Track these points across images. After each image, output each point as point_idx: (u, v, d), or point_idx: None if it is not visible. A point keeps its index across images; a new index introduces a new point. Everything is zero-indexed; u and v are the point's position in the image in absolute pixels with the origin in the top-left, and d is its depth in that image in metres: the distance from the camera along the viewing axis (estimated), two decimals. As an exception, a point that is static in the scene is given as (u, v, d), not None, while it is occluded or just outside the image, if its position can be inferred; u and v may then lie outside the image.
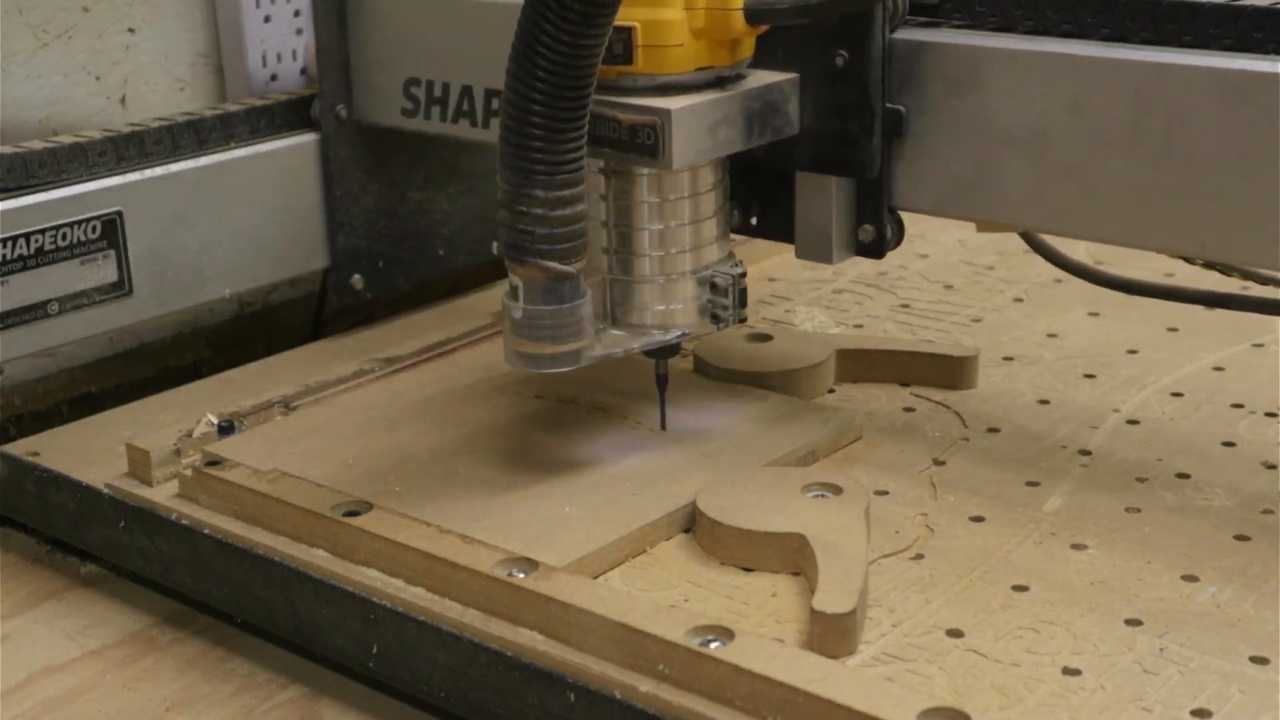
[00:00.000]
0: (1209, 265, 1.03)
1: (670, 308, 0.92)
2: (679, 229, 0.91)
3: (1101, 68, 0.85)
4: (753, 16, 0.87)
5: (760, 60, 0.92)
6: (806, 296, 1.24)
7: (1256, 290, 1.08)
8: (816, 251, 0.96)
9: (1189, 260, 1.03)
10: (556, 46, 0.78)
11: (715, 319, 0.93)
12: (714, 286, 0.92)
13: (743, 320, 0.94)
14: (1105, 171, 0.86)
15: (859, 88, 0.91)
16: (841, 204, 0.95)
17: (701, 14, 0.87)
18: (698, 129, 0.87)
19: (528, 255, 0.83)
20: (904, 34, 0.91)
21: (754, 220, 0.99)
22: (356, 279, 1.18)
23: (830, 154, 0.93)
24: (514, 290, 0.85)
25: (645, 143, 0.86)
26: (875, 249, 0.95)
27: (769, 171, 0.97)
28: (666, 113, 0.85)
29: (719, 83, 0.89)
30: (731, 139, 0.89)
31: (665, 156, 0.86)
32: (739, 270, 0.93)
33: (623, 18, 0.82)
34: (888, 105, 0.91)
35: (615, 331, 0.93)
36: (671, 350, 0.95)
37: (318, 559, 0.86)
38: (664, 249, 0.91)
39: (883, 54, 0.91)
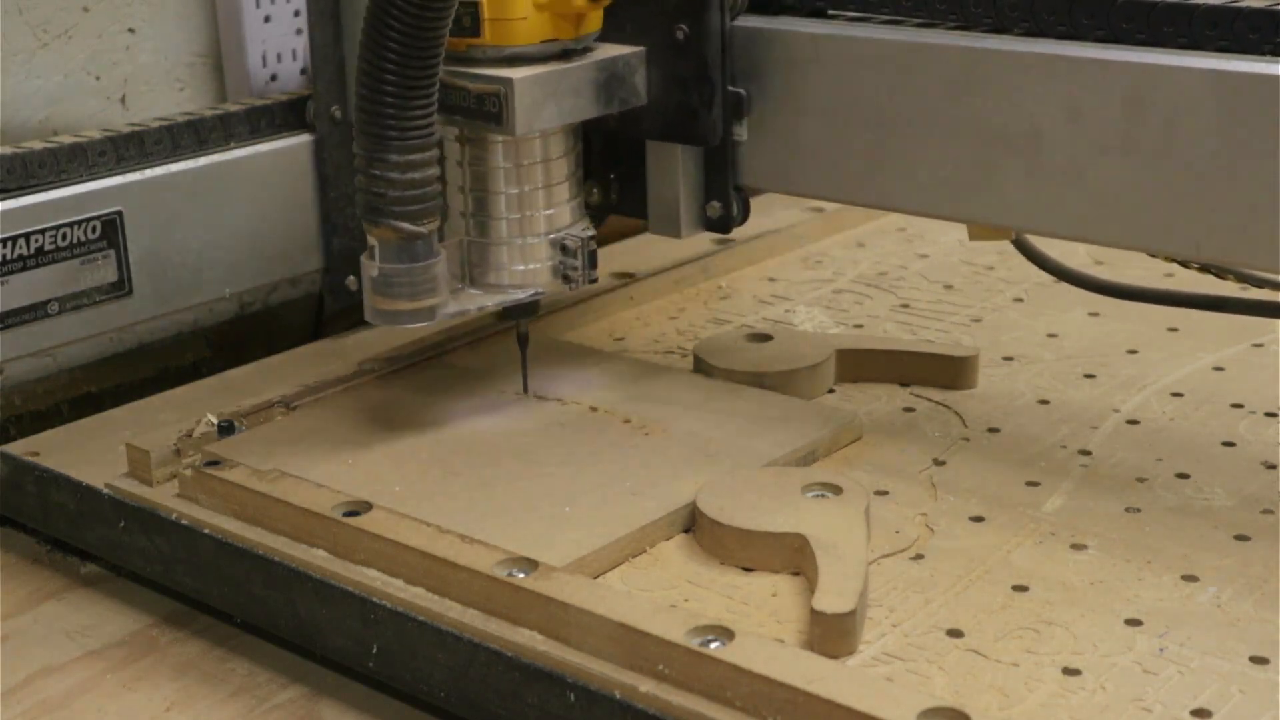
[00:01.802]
0: (1204, 268, 1.03)
1: (525, 268, 0.97)
2: (531, 193, 0.96)
3: (1096, 69, 0.85)
4: None
5: (609, 34, 0.97)
6: (806, 296, 1.24)
7: (1254, 293, 1.08)
8: (667, 226, 1.02)
9: (1184, 263, 1.03)
10: (404, 19, 0.83)
11: (566, 279, 0.98)
12: (564, 249, 0.97)
13: (593, 281, 0.99)
14: (1100, 174, 0.86)
15: (699, 61, 0.96)
16: (690, 180, 1.01)
17: None
18: (541, 97, 0.92)
19: (381, 216, 0.88)
20: (745, 21, 0.97)
21: (614, 198, 1.05)
22: (351, 280, 1.18)
23: (675, 123, 0.98)
24: (371, 250, 0.91)
25: (491, 110, 0.92)
26: (722, 224, 1.01)
27: (624, 146, 1.02)
28: (510, 81, 0.91)
29: (564, 55, 0.94)
30: (577, 108, 0.95)
31: (509, 123, 0.91)
32: (589, 233, 0.98)
33: None
34: (729, 89, 0.97)
35: (472, 290, 0.97)
36: (528, 310, 0.99)
37: (318, 559, 0.86)
38: (519, 212, 0.96)
39: (721, 32, 0.96)
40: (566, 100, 0.93)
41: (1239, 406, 1.02)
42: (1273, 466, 0.94)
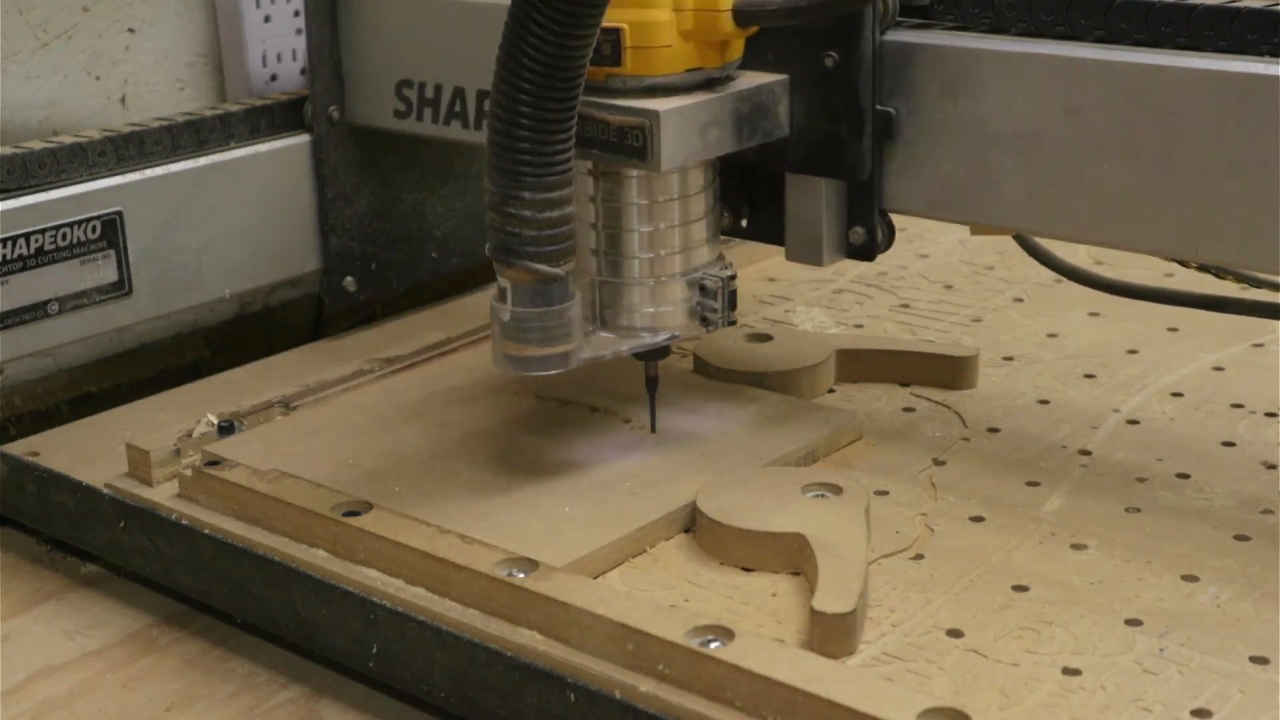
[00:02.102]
0: (1203, 268, 1.03)
1: (659, 310, 0.92)
2: (668, 231, 0.91)
3: (1095, 70, 0.85)
4: (741, 18, 0.87)
5: (750, 62, 0.92)
6: (806, 296, 1.24)
7: (1254, 293, 1.08)
8: (806, 254, 0.96)
9: (1183, 264, 1.03)
10: (543, 48, 0.78)
11: (705, 321, 0.92)
12: (703, 289, 0.92)
13: (732, 323, 0.94)
14: (1099, 174, 0.86)
15: (849, 90, 0.91)
16: (832, 206, 0.95)
17: (690, 15, 0.86)
18: (686, 131, 0.87)
19: (515, 257, 0.83)
20: (894, 35, 0.91)
21: (744, 222, 0.99)
22: (349, 281, 1.18)
23: (820, 156, 0.93)
24: (502, 292, 0.85)
25: (634, 144, 0.86)
26: (866, 251, 0.95)
27: (759, 173, 0.96)
28: (655, 114, 0.85)
29: (708, 84, 0.89)
30: (721, 141, 0.89)
31: (654, 158, 0.86)
32: (729, 273, 0.92)
33: (611, 19, 0.83)
34: (878, 107, 0.91)
35: (604, 334, 0.92)
36: (661, 353, 0.94)
37: (318, 559, 0.86)
38: (653, 251, 0.91)
39: (873, 56, 0.91)
40: (710, 133, 0.88)
41: (1239, 406, 1.02)
42: (1273, 466, 0.94)
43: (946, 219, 0.94)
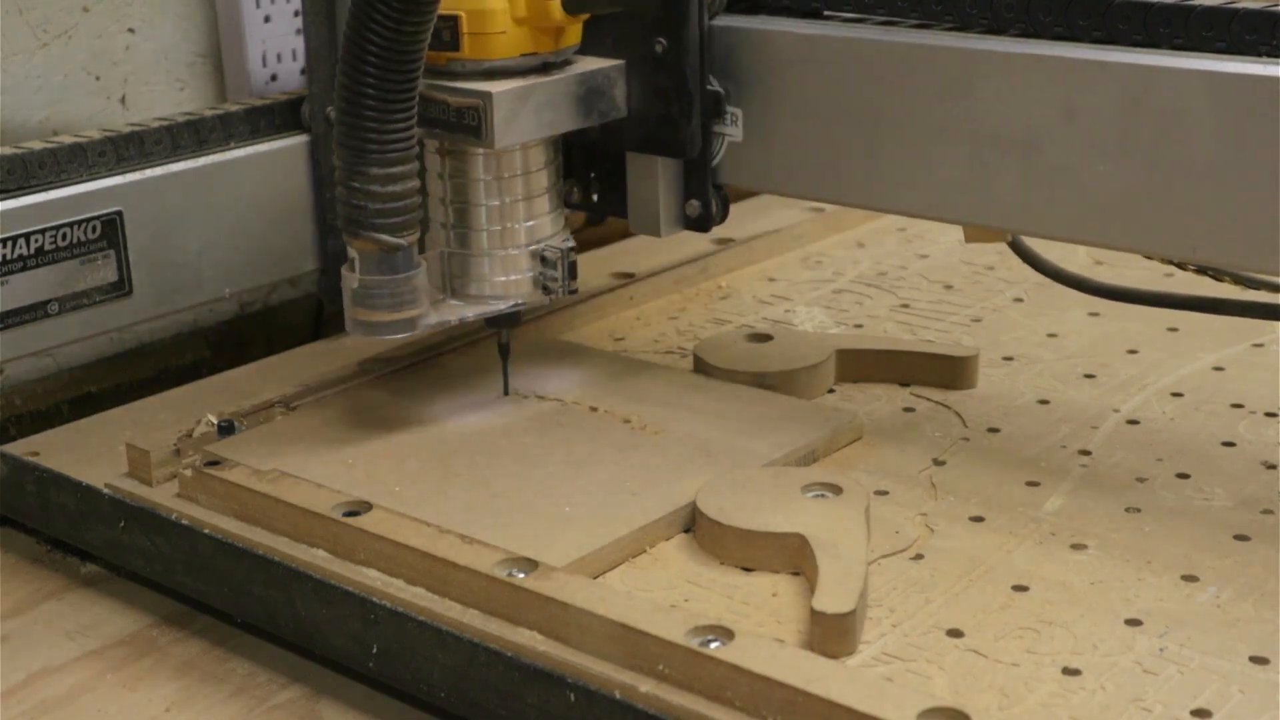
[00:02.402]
0: (1201, 270, 1.03)
1: (505, 279, 0.98)
2: (512, 205, 0.97)
3: (1093, 70, 0.85)
4: (570, 5, 0.93)
5: (591, 48, 0.98)
6: (806, 296, 1.24)
7: (1251, 294, 1.07)
8: (647, 225, 1.02)
9: (1181, 266, 1.03)
10: (384, 33, 0.84)
11: (546, 290, 0.98)
12: (544, 260, 0.97)
13: (573, 292, 0.99)
14: (1096, 175, 0.86)
15: (677, 73, 0.96)
16: (669, 181, 1.01)
17: (522, 3, 0.92)
18: (520, 111, 0.92)
19: (362, 229, 0.89)
20: (722, 20, 0.97)
21: (594, 197, 1.05)
22: None
23: (654, 136, 0.98)
24: (351, 262, 0.91)
25: (471, 124, 0.92)
26: (702, 223, 1.01)
27: (605, 152, 1.02)
28: (488, 95, 0.91)
29: (544, 68, 0.94)
30: (556, 121, 0.95)
31: (488, 136, 0.91)
32: (569, 245, 0.98)
33: (449, 6, 0.90)
34: (707, 88, 0.97)
35: (454, 301, 0.98)
36: (510, 319, 0.99)
37: (318, 559, 0.86)
38: (499, 224, 0.97)
39: (700, 40, 0.96)
40: (546, 113, 0.94)
41: (1239, 406, 1.02)
42: (1273, 466, 0.94)
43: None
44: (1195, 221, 0.84)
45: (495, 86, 0.91)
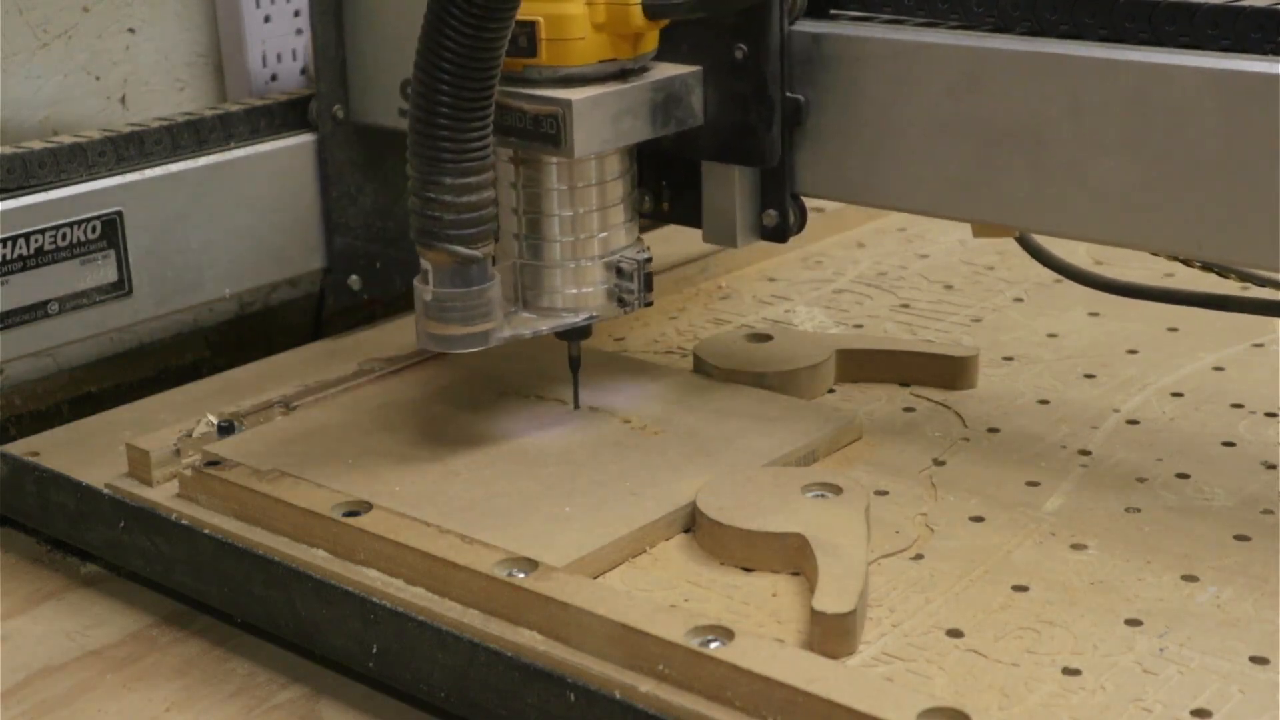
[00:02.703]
0: (1206, 267, 1.03)
1: (578, 291, 0.95)
2: (586, 215, 0.95)
3: (1099, 68, 0.85)
4: (651, 11, 0.91)
5: (666, 54, 0.95)
6: (806, 296, 1.24)
7: (1255, 291, 1.08)
8: (722, 236, 1.00)
9: (1186, 262, 1.03)
10: (460, 39, 0.82)
11: (621, 303, 0.96)
12: (620, 271, 0.95)
13: (648, 304, 0.97)
14: (1102, 172, 0.86)
15: (758, 80, 0.94)
16: (745, 190, 0.99)
17: (602, 8, 0.90)
18: (599, 119, 0.90)
19: (436, 240, 0.87)
20: (802, 26, 0.95)
21: (665, 206, 1.03)
22: (354, 279, 1.19)
23: (732, 144, 0.97)
24: (424, 274, 0.89)
25: (549, 132, 0.90)
26: (779, 233, 0.99)
27: (677, 160, 1.00)
28: (568, 103, 0.89)
29: (621, 75, 0.92)
30: (634, 129, 0.93)
31: (567, 145, 0.89)
32: (645, 255, 0.96)
33: (526, 12, 0.87)
34: (787, 95, 0.95)
35: (525, 314, 0.96)
36: (582, 333, 0.97)
37: (318, 559, 0.86)
38: (572, 235, 0.94)
39: (781, 46, 0.94)
40: (624, 121, 0.92)
41: (1239, 406, 1.02)
42: (1273, 466, 0.94)
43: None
44: (1201, 218, 0.84)
45: (574, 94, 0.89)
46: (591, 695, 0.74)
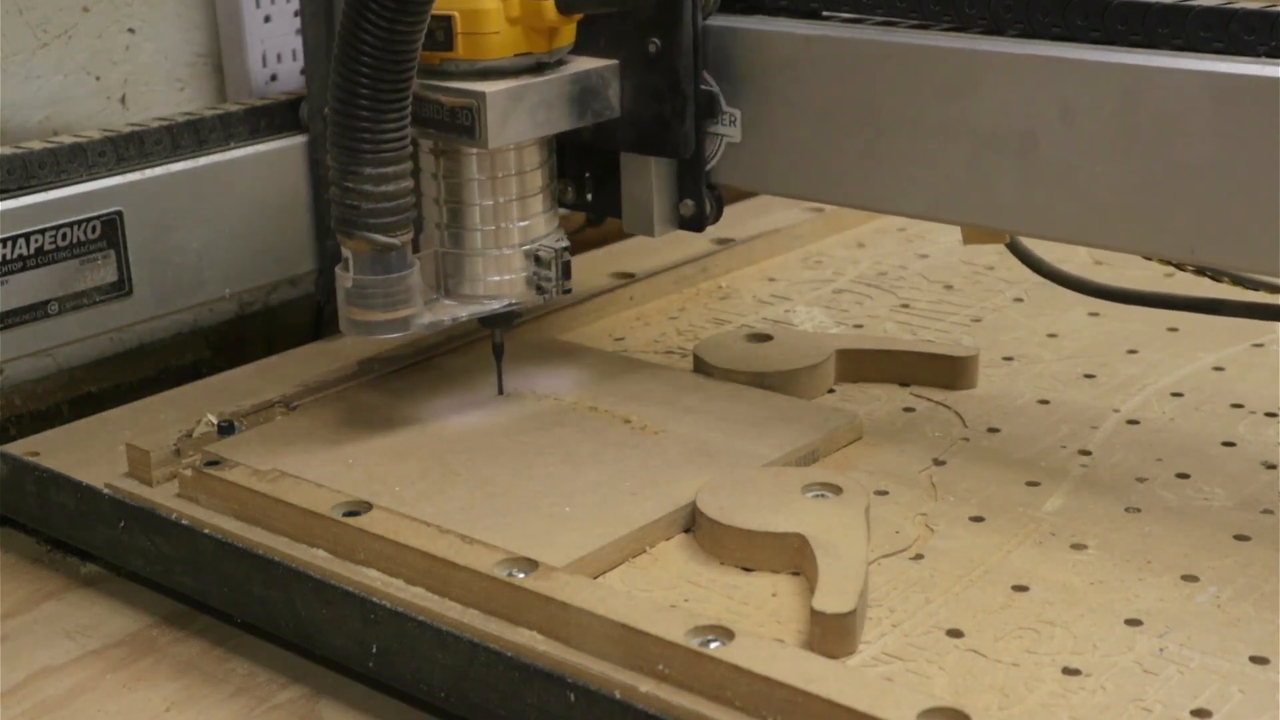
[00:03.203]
0: (1200, 271, 1.02)
1: (499, 279, 0.97)
2: (505, 205, 0.97)
3: (1091, 71, 0.85)
4: (563, 5, 0.92)
5: (585, 47, 0.97)
6: (806, 296, 1.24)
7: (1251, 295, 1.07)
8: (640, 225, 1.02)
9: (1180, 266, 1.03)
10: (377, 32, 0.84)
11: (540, 290, 0.98)
12: (538, 259, 0.97)
13: (567, 292, 0.99)
14: (1094, 176, 0.85)
15: (671, 73, 0.96)
16: (663, 181, 1.01)
17: (516, 3, 0.92)
18: (513, 110, 0.92)
19: (355, 229, 0.89)
20: (716, 20, 0.97)
21: (588, 196, 1.05)
22: None
23: (648, 136, 0.98)
24: (345, 262, 0.92)
25: (464, 124, 0.92)
26: (695, 223, 1.01)
27: (598, 151, 1.02)
28: (482, 95, 0.91)
29: (538, 68, 0.94)
30: (550, 121, 0.95)
31: (482, 136, 0.91)
32: (563, 244, 0.98)
33: (442, 6, 0.90)
34: (701, 87, 0.96)
35: (447, 301, 0.98)
36: (505, 319, 0.99)
37: (318, 559, 0.86)
38: (492, 224, 0.97)
39: (694, 40, 0.95)
40: (539, 113, 0.94)
41: (1239, 406, 1.02)
42: (1273, 466, 0.94)
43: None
44: (1193, 222, 0.83)
45: (489, 86, 0.91)
46: (591, 695, 0.74)
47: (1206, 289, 1.08)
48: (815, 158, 0.95)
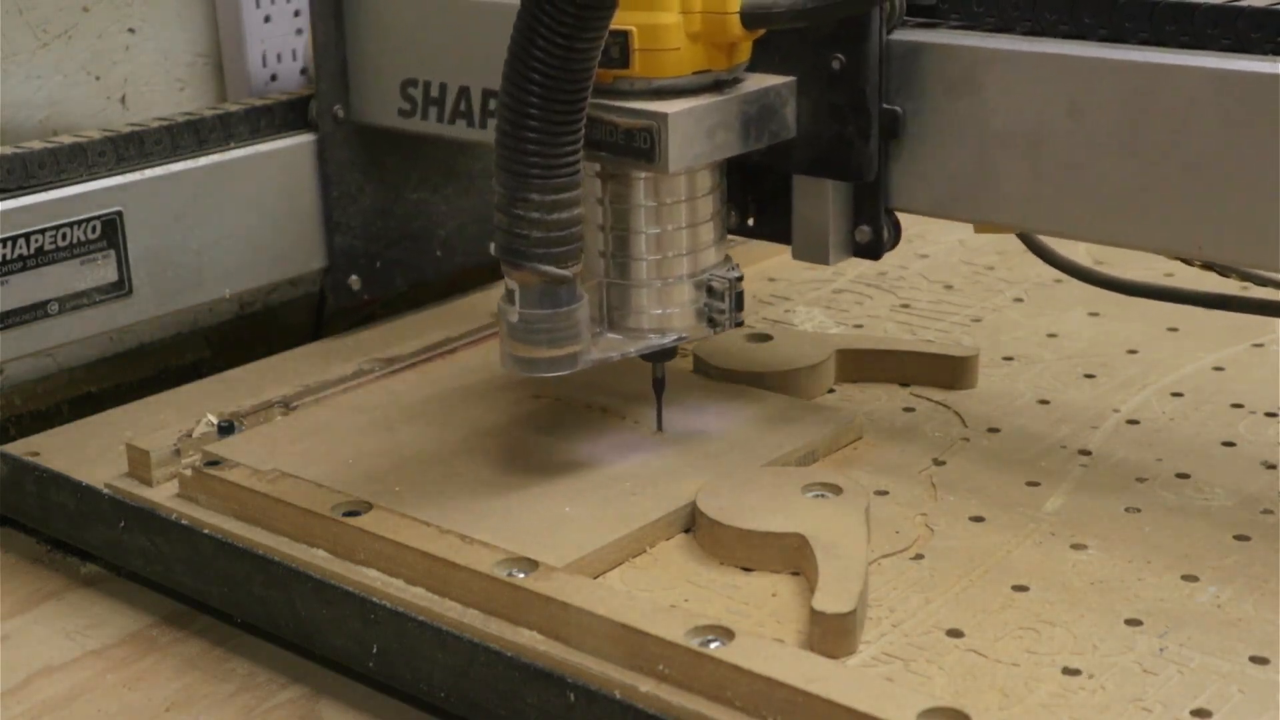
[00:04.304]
0: (1207, 266, 1.03)
1: (667, 312, 0.92)
2: (676, 233, 0.91)
3: (1099, 68, 0.85)
4: (749, 20, 0.87)
5: (758, 64, 0.91)
6: (806, 296, 1.24)
7: (1256, 291, 1.08)
8: (813, 253, 0.96)
9: (1187, 261, 1.03)
10: (552, 50, 0.78)
11: (712, 323, 0.92)
12: (710, 290, 0.92)
13: (739, 324, 0.94)
14: (1103, 172, 0.86)
15: (855, 91, 0.91)
16: (838, 205, 0.95)
17: (698, 18, 0.86)
18: (694, 132, 0.86)
19: (523, 259, 0.83)
20: (901, 35, 0.91)
21: (751, 221, 0.99)
22: (354, 280, 1.19)
23: (827, 157, 0.93)
24: (510, 294, 0.85)
25: (642, 146, 0.86)
26: (872, 250, 0.95)
27: (766, 173, 0.96)
28: (663, 116, 0.85)
29: (716, 86, 0.88)
30: (728, 142, 0.89)
31: (662, 160, 0.85)
32: (735, 274, 0.93)
33: (619, 21, 0.82)
34: (884, 106, 0.91)
35: (612, 335, 0.92)
36: (668, 354, 0.94)
37: (318, 559, 0.86)
38: (661, 253, 0.91)
39: (879, 57, 0.90)
40: (718, 135, 0.88)
41: (1239, 406, 1.02)
42: (1273, 466, 0.94)
43: (952, 217, 0.94)
44: (1201, 219, 0.83)
45: (670, 107, 0.85)
46: (591, 695, 0.74)
47: (1212, 285, 1.07)
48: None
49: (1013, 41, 0.88)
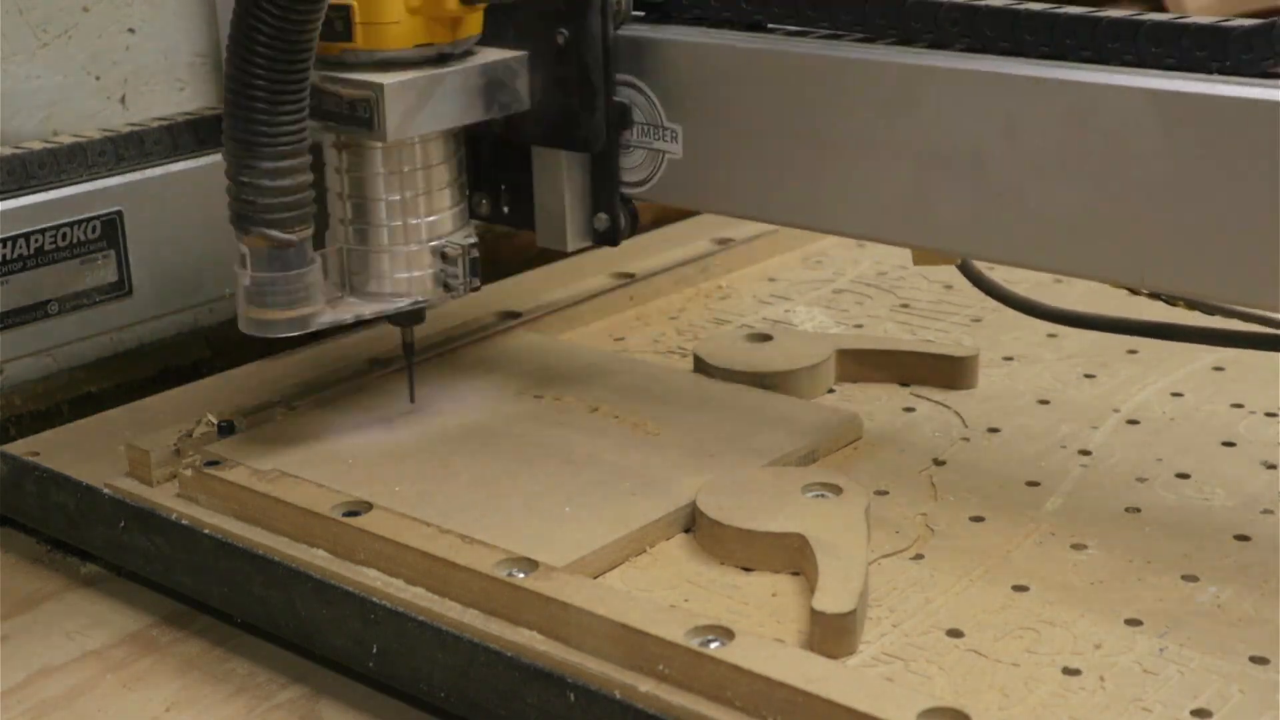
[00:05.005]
0: (1154, 296, 0.98)
1: (405, 276, 0.95)
2: (410, 200, 0.94)
3: (1036, 87, 0.81)
4: None
5: (494, 39, 0.95)
6: (806, 296, 1.24)
7: (1206, 320, 1.03)
8: (553, 238, 0.99)
9: (1134, 290, 0.98)
10: (272, 22, 0.82)
11: (447, 288, 0.96)
12: (445, 256, 0.95)
13: (475, 289, 0.97)
14: (1041, 197, 0.81)
15: (580, 65, 0.94)
16: (576, 192, 0.98)
17: None
18: (413, 102, 0.90)
19: (252, 224, 0.87)
20: (627, 30, 0.94)
21: (505, 210, 1.02)
22: None
23: (558, 128, 0.96)
24: (242, 258, 0.89)
25: (363, 116, 0.90)
26: (610, 237, 0.98)
27: (512, 156, 0.99)
28: (380, 86, 0.89)
29: (440, 59, 0.92)
30: (454, 113, 0.93)
31: (380, 128, 0.89)
32: (470, 240, 0.96)
33: None
34: (614, 100, 0.94)
35: (352, 299, 0.95)
36: (414, 317, 0.97)
37: (318, 559, 0.86)
38: (395, 219, 0.94)
39: (603, 33, 0.93)
40: (442, 105, 0.91)
41: (1239, 406, 1.02)
42: (1273, 466, 0.94)
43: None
44: (1144, 246, 0.79)
45: (387, 78, 0.89)
46: (591, 695, 0.74)
47: (1161, 313, 1.04)
48: (757, 175, 0.92)
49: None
